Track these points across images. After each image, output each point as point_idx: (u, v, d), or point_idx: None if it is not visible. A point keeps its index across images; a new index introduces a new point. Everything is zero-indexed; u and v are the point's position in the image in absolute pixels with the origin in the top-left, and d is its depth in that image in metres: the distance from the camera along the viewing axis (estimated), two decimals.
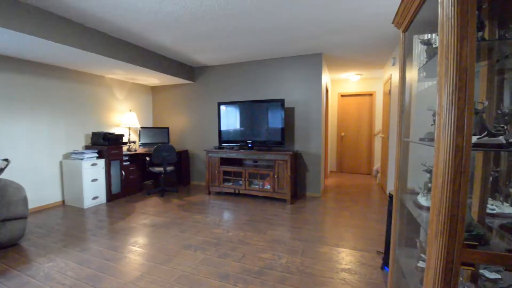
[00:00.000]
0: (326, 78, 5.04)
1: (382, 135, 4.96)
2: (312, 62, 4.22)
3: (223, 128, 4.54)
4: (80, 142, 4.23)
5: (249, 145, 4.30)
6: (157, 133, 5.18)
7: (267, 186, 4.04)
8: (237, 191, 4.24)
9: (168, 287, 1.89)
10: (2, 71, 3.27)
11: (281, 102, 4.05)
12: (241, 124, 4.40)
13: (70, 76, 4.05)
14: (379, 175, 5.35)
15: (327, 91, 5.31)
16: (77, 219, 3.31)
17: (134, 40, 3.59)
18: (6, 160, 2.66)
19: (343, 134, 6.67)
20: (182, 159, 5.07)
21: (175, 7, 2.65)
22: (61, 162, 3.95)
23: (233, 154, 4.22)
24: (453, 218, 0.83)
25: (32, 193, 3.59)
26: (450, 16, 0.81)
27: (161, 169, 4.35)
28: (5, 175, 3.31)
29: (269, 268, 2.14)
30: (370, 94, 6.35)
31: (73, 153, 3.87)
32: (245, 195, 4.41)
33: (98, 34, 3.24)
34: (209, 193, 4.49)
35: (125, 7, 2.63)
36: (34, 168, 3.62)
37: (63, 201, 3.98)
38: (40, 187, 3.70)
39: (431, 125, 1.25)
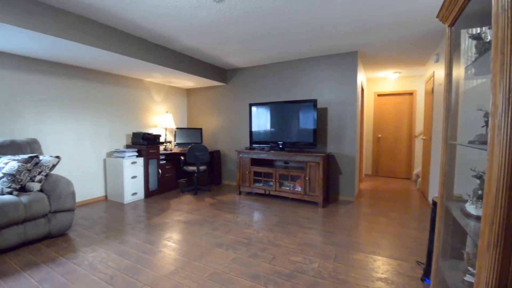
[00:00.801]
0: (362, 77, 4.84)
1: (424, 137, 4.64)
2: (347, 60, 4.09)
3: (254, 129, 4.57)
4: (121, 142, 4.54)
5: (280, 146, 4.27)
6: (191, 133, 5.37)
7: (298, 188, 3.99)
8: (267, 192, 4.24)
9: (201, 283, 1.94)
10: (55, 76, 3.63)
11: (313, 102, 3.98)
12: (272, 125, 4.39)
13: (113, 80, 4.37)
14: (419, 180, 5.01)
15: (362, 90, 5.10)
16: (118, 213, 3.55)
17: (170, 45, 3.76)
18: (57, 157, 2.94)
19: (379, 135, 6.36)
20: (214, 159, 5.20)
21: (209, 12, 2.73)
22: (104, 160, 4.27)
23: (263, 155, 4.23)
24: (508, 228, 0.74)
25: (78, 187, 3.93)
26: (506, 7, 0.73)
27: (194, 168, 4.51)
28: (56, 171, 3.67)
29: (300, 272, 2.10)
30: (410, 93, 5.97)
31: (115, 151, 4.16)
32: (275, 196, 4.40)
33: (139, 41, 3.46)
34: (240, 193, 4.55)
35: (164, 14, 2.77)
36: (81, 165, 3.96)
37: (106, 196, 4.30)
38: (86, 183, 4.03)
39: (482, 126, 1.14)
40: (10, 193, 2.50)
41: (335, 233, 2.89)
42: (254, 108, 4.56)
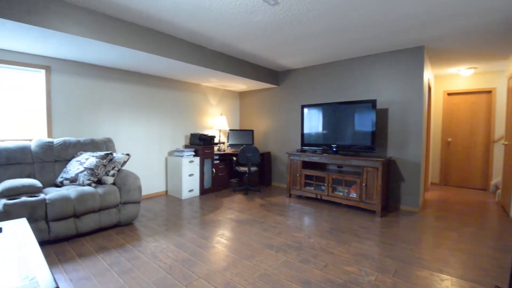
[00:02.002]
0: (429, 74, 4.36)
1: (506, 142, 3.96)
2: (411, 56, 3.72)
3: (306, 131, 4.47)
4: (181, 142, 4.89)
5: (334, 149, 4.09)
6: (243, 135, 5.51)
7: (353, 194, 3.76)
8: (319, 197, 4.10)
9: (251, 282, 1.96)
10: (127, 83, 4.08)
11: (372, 103, 3.72)
12: (325, 127, 4.24)
13: (175, 86, 4.74)
14: (499, 191, 4.29)
15: (429, 89, 4.60)
16: (176, 208, 3.81)
17: (225, 50, 3.92)
18: (127, 154, 3.29)
19: (449, 139, 5.65)
20: (265, 160, 5.24)
21: (264, 16, 2.76)
22: (166, 158, 4.65)
23: (316, 158, 4.11)
24: None
25: (144, 182, 4.35)
26: None
27: (245, 169, 4.60)
28: (126, 167, 4.11)
29: (355, 283, 1.97)
30: (488, 92, 5.17)
31: (175, 151, 4.49)
32: (327, 201, 4.22)
33: (199, 48, 3.68)
34: (290, 195, 4.49)
35: (222, 22, 2.89)
36: (146, 162, 4.37)
37: (166, 191, 4.67)
38: (150, 178, 4.44)
39: None
40: (89, 184, 2.88)
41: (395, 245, 2.64)
42: (306, 110, 4.47)
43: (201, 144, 4.54)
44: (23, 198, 2.39)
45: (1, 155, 2.74)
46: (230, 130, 5.49)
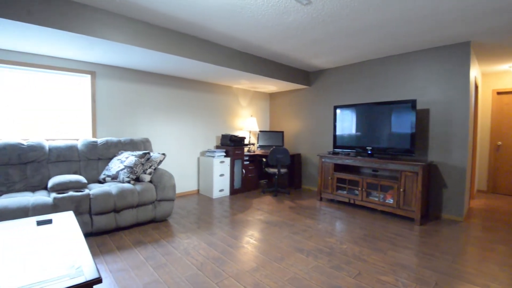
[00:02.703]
0: (475, 71, 4.01)
1: None
2: (456, 53, 3.45)
3: (338, 132, 4.34)
4: (212, 143, 5.01)
5: (369, 152, 3.92)
6: (273, 136, 5.50)
7: (390, 200, 3.57)
8: (351, 201, 3.95)
9: (281, 285, 1.93)
10: (162, 87, 4.28)
11: (411, 103, 3.50)
12: (359, 129, 4.07)
13: (207, 88, 4.87)
14: None
15: (476, 88, 4.22)
16: (207, 206, 3.91)
17: (255, 51, 3.94)
18: (163, 154, 3.44)
19: (499, 143, 5.13)
20: (295, 162, 5.17)
21: (296, 16, 2.73)
22: (198, 159, 4.79)
23: (349, 161, 3.96)
24: None
25: (177, 181, 4.52)
26: None
27: (275, 170, 4.58)
28: (161, 166, 4.30)
29: None
30: None
31: (207, 151, 4.61)
32: (361, 206, 4.05)
33: (231, 51, 3.75)
34: (321, 199, 4.38)
35: (254, 25, 2.91)
36: (180, 162, 4.54)
37: (198, 190, 4.81)
38: (183, 177, 4.60)
39: None
40: (128, 182, 3.06)
41: (436, 256, 2.45)
42: (338, 111, 4.33)
43: (231, 145, 4.61)
44: (70, 193, 2.60)
45: (52, 153, 3.02)
46: (260, 131, 5.51)
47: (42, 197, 2.50)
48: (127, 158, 3.19)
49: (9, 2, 2.16)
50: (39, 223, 1.91)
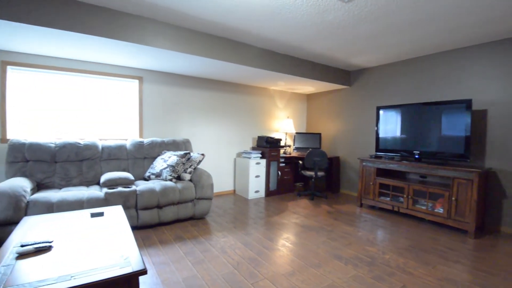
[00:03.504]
0: None
1: None
2: None
3: (381, 135, 4.10)
4: (248, 144, 5.07)
5: (416, 156, 3.63)
6: (309, 138, 5.39)
7: (439, 209, 3.27)
8: (395, 209, 3.69)
9: None
10: (202, 89, 4.44)
11: (466, 103, 3.17)
12: (405, 131, 3.80)
13: (244, 90, 4.95)
14: None
15: None
16: (243, 207, 3.95)
17: (293, 52, 3.90)
18: (202, 154, 3.56)
19: None
20: (333, 165, 5.00)
21: (337, 14, 2.64)
22: (235, 159, 4.88)
23: (393, 166, 3.72)
24: None
25: (214, 181, 4.65)
26: None
27: (312, 173, 4.48)
28: (200, 166, 4.46)
29: None
30: None
31: (243, 152, 4.68)
32: (406, 215, 3.77)
33: (269, 53, 3.77)
34: (361, 205, 4.17)
35: (293, 25, 2.89)
36: (217, 162, 4.67)
37: (234, 191, 4.89)
38: (220, 177, 4.72)
39: None
40: (171, 180, 3.22)
41: (493, 274, 2.17)
42: (382, 112, 4.10)
43: (267, 146, 4.61)
44: (120, 188, 2.82)
45: (104, 152, 3.31)
46: (296, 133, 5.44)
47: (95, 191, 2.74)
48: (170, 157, 3.37)
49: (70, 16, 2.42)
50: (93, 215, 2.10)
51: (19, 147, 2.86)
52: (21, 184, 2.48)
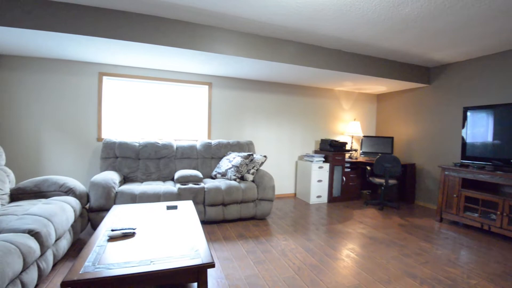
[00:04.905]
0: None
1: None
2: None
3: (469, 140, 3.52)
4: (310, 147, 4.96)
5: None
6: (379, 142, 4.98)
7: None
8: (485, 227, 3.12)
9: None
10: (263, 92, 4.54)
11: None
12: (499, 136, 3.19)
13: (306, 92, 4.87)
14: None
15: None
16: (304, 211, 3.88)
17: (361, 50, 3.66)
18: (265, 156, 3.63)
19: None
20: (407, 173, 4.51)
21: (414, 5, 2.38)
22: (296, 162, 4.83)
23: (483, 176, 3.16)
24: None
25: (275, 183, 4.68)
26: None
27: (382, 181, 4.12)
28: (262, 167, 4.55)
29: None
30: None
31: (305, 155, 4.60)
32: (498, 235, 3.16)
33: (336, 53, 3.63)
34: (441, 220, 3.65)
35: (363, 22, 2.72)
36: (279, 164, 4.70)
37: (295, 194, 4.84)
38: (281, 180, 4.74)
39: None
40: (235, 180, 3.37)
41: None
42: (469, 113, 3.52)
43: (331, 150, 4.43)
44: (190, 185, 3.08)
45: (178, 151, 3.66)
46: (364, 136, 5.09)
47: (170, 186, 3.06)
48: (234, 158, 3.53)
49: (157, 30, 2.76)
50: (168, 207, 2.34)
51: (111, 145, 3.38)
52: (112, 177, 2.93)
